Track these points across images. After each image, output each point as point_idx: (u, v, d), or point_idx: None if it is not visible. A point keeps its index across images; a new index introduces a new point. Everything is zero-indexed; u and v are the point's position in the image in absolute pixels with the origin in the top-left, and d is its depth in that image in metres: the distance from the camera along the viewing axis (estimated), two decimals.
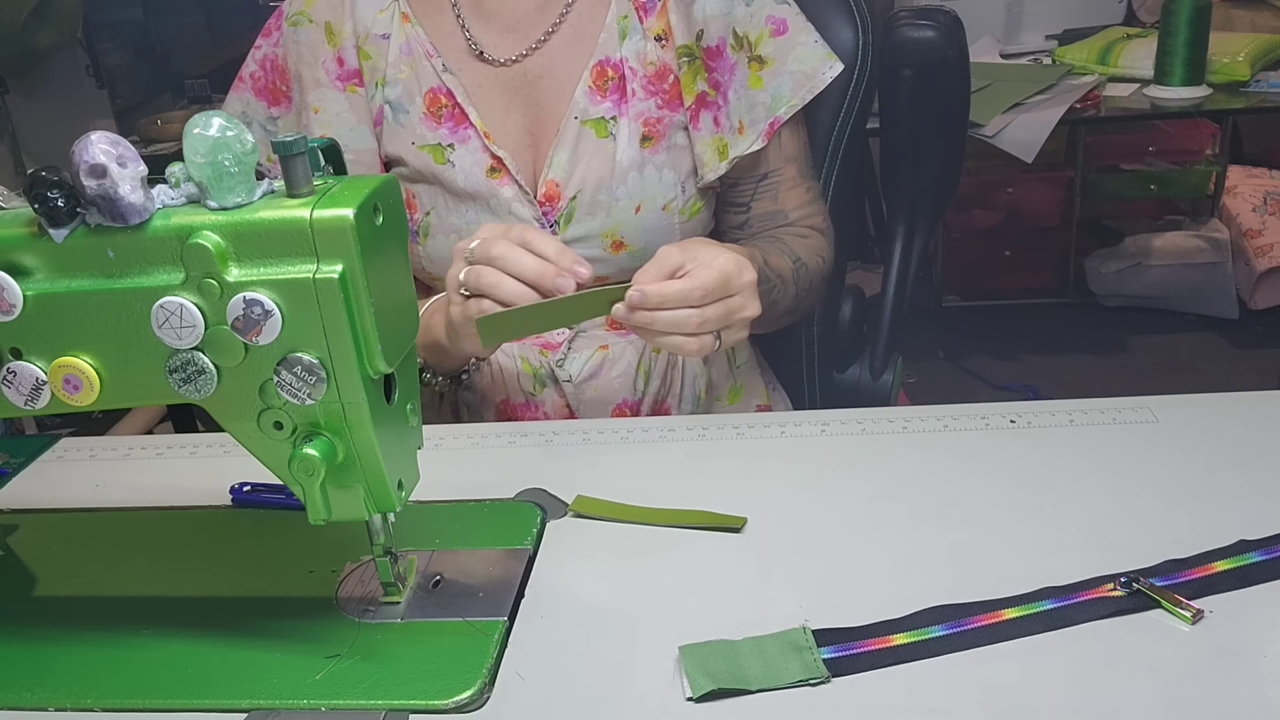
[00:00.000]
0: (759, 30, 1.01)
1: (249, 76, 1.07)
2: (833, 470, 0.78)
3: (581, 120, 0.99)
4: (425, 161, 1.00)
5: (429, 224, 1.02)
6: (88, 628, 0.67)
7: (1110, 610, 0.60)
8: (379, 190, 0.55)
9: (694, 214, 1.03)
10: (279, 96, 1.06)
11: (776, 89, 1.02)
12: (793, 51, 1.02)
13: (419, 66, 1.01)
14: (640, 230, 1.00)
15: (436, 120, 1.01)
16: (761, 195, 1.06)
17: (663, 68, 1.00)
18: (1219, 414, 0.81)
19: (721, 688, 0.57)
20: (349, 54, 1.02)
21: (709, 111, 1.01)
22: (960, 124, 1.26)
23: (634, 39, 1.00)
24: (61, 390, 0.57)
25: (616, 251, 1.01)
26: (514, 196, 1.00)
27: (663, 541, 0.71)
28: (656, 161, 1.00)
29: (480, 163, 1.00)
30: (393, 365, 0.57)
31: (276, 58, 1.06)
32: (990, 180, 2.78)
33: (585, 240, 1.00)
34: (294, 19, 1.03)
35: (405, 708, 0.58)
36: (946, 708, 0.55)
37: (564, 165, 0.99)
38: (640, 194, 0.99)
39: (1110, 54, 2.35)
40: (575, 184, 0.99)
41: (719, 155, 1.01)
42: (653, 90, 1.00)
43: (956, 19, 1.20)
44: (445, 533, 0.73)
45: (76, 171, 0.53)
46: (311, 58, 1.03)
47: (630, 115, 0.99)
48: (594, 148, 0.99)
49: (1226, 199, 2.81)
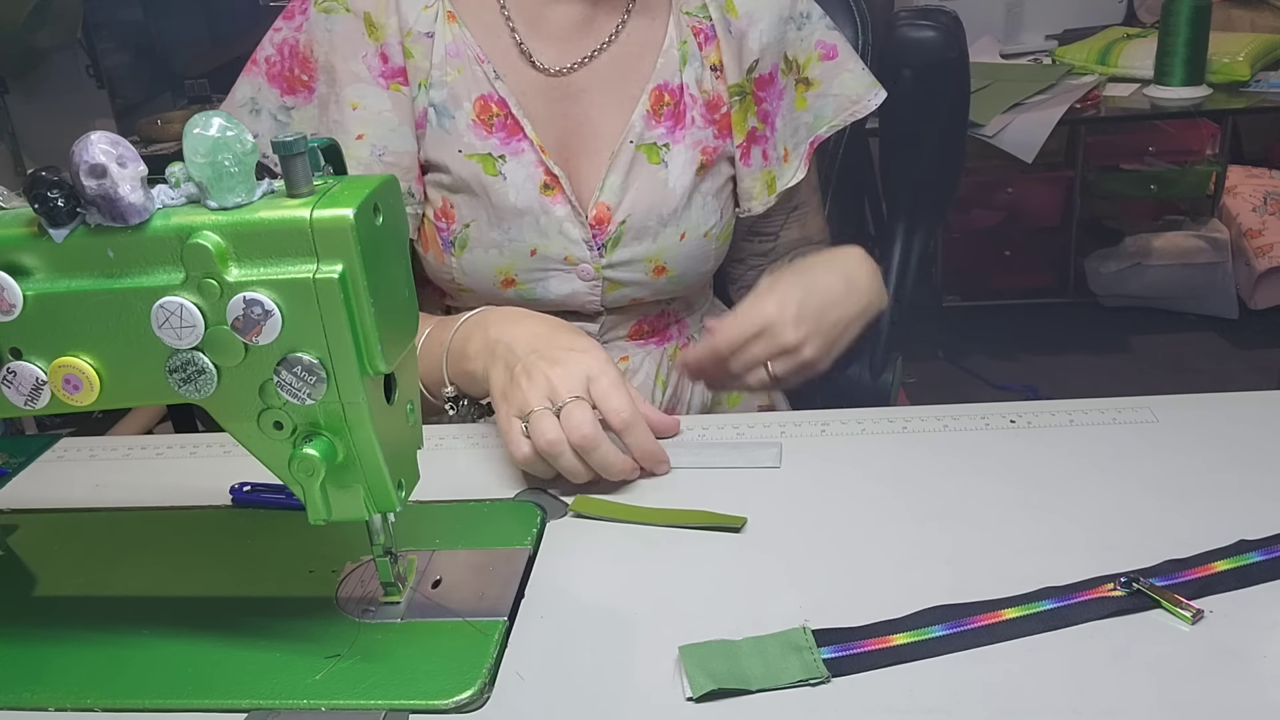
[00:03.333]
0: (809, 54, 1.03)
1: (264, 60, 0.99)
2: (833, 470, 0.78)
3: (636, 144, 0.98)
4: (473, 171, 0.96)
5: (467, 236, 0.98)
6: (88, 628, 0.67)
7: (1110, 610, 0.60)
8: (379, 190, 0.55)
9: (726, 239, 1.04)
10: (296, 85, 0.98)
11: (819, 109, 1.04)
12: (839, 76, 1.04)
13: (468, 70, 0.96)
14: (682, 256, 1.00)
15: (487, 129, 0.96)
16: (791, 224, 1.09)
17: (716, 97, 1.00)
18: (1219, 414, 0.81)
19: (721, 688, 0.57)
20: (394, 50, 0.96)
21: (758, 146, 1.02)
22: (960, 124, 1.26)
23: (694, 66, 0.99)
24: (61, 390, 0.57)
25: (657, 276, 1.00)
26: (566, 216, 0.97)
27: (663, 541, 0.71)
28: (703, 189, 1.00)
29: (534, 178, 0.96)
30: (392, 365, 0.57)
31: (298, 44, 0.98)
32: (990, 180, 2.78)
33: (629, 264, 0.99)
34: (325, 5, 0.96)
35: (405, 708, 0.58)
36: (946, 708, 0.55)
37: (616, 189, 0.97)
38: (687, 222, 0.99)
39: (1110, 54, 2.35)
40: (625, 209, 0.98)
41: (768, 189, 1.03)
42: (709, 119, 1.00)
43: (957, 19, 1.20)
44: (445, 533, 0.73)
45: (76, 171, 0.53)
46: (349, 49, 0.96)
47: (687, 143, 0.99)
48: (646, 173, 0.98)
49: (1226, 199, 2.81)
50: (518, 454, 0.76)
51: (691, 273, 1.02)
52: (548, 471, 0.77)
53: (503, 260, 0.98)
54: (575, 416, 0.75)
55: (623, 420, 0.76)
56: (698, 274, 1.03)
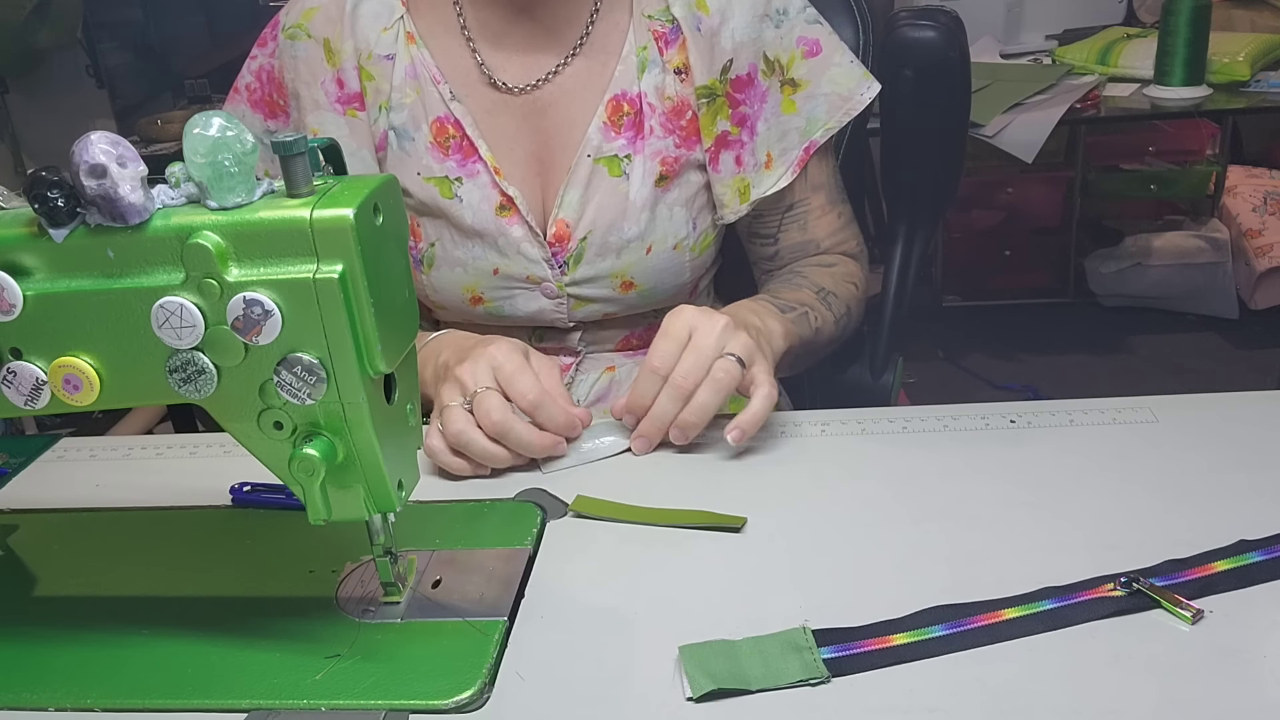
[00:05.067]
0: (790, 52, 0.98)
1: (244, 89, 1.02)
2: (833, 470, 0.78)
3: (594, 158, 0.95)
4: (431, 194, 0.96)
5: (434, 255, 0.98)
6: (88, 628, 0.67)
7: (1110, 610, 0.60)
8: (379, 190, 0.55)
9: (704, 249, 1.00)
10: (276, 110, 1.01)
11: (811, 112, 0.98)
12: (827, 72, 0.98)
13: (425, 92, 0.96)
14: (651, 270, 0.97)
15: (444, 151, 0.96)
16: (788, 226, 1.04)
17: (680, 103, 0.96)
18: (1219, 414, 0.81)
19: (721, 688, 0.57)
20: (349, 76, 0.96)
21: (730, 151, 0.97)
22: (961, 125, 1.25)
23: (653, 72, 0.95)
24: (61, 390, 0.57)
25: (626, 291, 0.98)
26: (523, 236, 0.96)
27: (663, 541, 0.71)
28: (668, 200, 0.96)
29: (489, 199, 0.95)
30: (393, 365, 0.57)
31: (273, 70, 1.00)
32: (990, 180, 2.78)
33: (595, 281, 0.97)
34: (291, 32, 0.97)
35: (405, 708, 0.58)
36: (946, 708, 0.55)
37: (575, 205, 0.95)
38: (651, 234, 0.96)
39: (1110, 54, 2.35)
40: (586, 224, 0.95)
41: (740, 197, 0.98)
42: (670, 128, 0.96)
43: (957, 19, 1.19)
44: (445, 533, 0.73)
45: (76, 171, 0.53)
46: (310, 76, 0.97)
47: (646, 154, 0.95)
48: (606, 187, 0.95)
49: (1226, 199, 2.81)
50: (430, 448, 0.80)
51: (664, 286, 0.99)
52: (463, 467, 0.80)
53: (468, 278, 0.98)
54: (484, 404, 0.79)
55: (530, 402, 0.80)
56: (671, 287, 0.99)
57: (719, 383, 0.79)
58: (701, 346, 0.80)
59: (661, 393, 0.80)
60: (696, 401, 0.80)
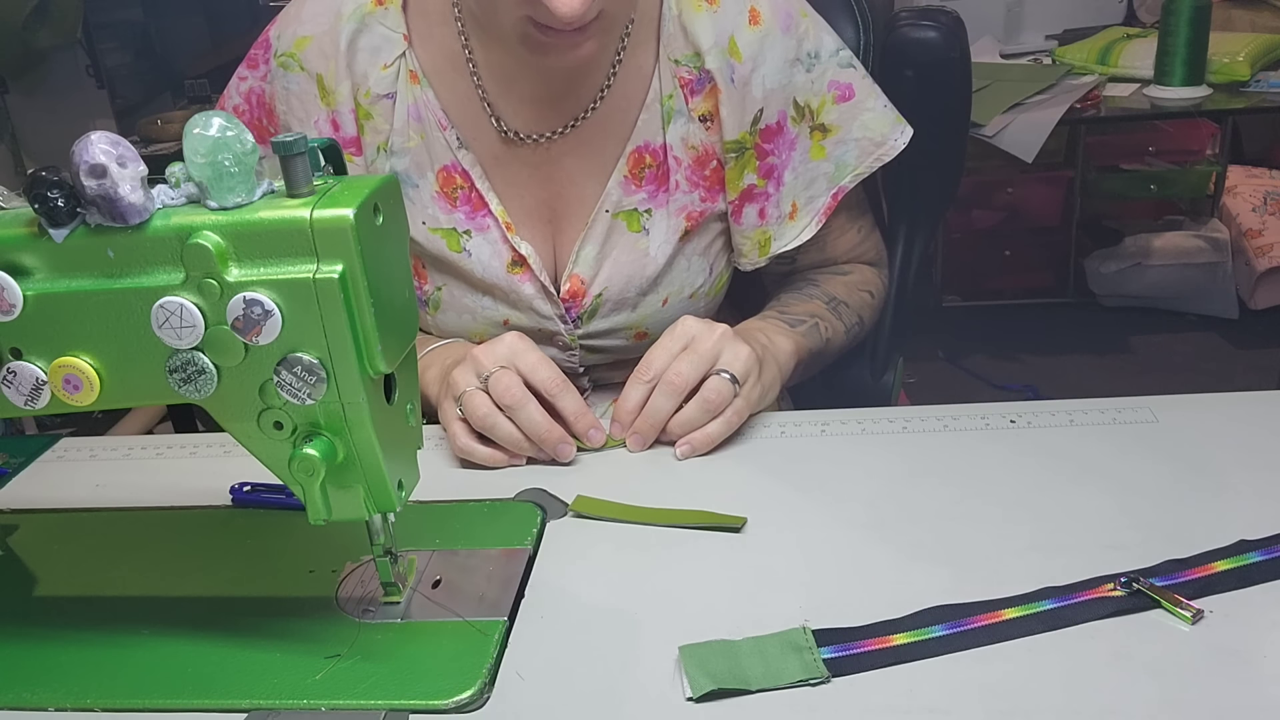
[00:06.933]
0: (821, 97, 0.93)
1: (231, 110, 0.96)
2: (833, 470, 0.78)
3: (613, 213, 0.92)
4: (438, 246, 0.92)
5: (440, 298, 0.95)
6: (88, 628, 0.67)
7: (1110, 610, 0.60)
8: (379, 190, 0.55)
9: (718, 291, 0.99)
10: (265, 136, 0.95)
11: (840, 158, 0.95)
12: (859, 118, 0.94)
13: (430, 137, 0.91)
14: (665, 321, 0.90)
15: (451, 202, 0.92)
16: (808, 249, 1.00)
17: (705, 151, 0.92)
18: (1219, 414, 0.81)
19: (721, 688, 0.57)
20: (345, 119, 0.91)
21: (754, 205, 0.94)
22: (961, 125, 1.25)
23: (679, 122, 0.91)
24: (61, 390, 0.57)
25: (639, 340, 0.96)
26: (535, 294, 0.93)
27: (663, 541, 0.71)
28: (687, 251, 0.94)
29: (500, 255, 0.92)
30: (393, 365, 0.57)
31: (264, 94, 0.95)
32: (990, 180, 2.78)
33: (608, 334, 0.96)
34: (283, 60, 0.92)
35: (405, 708, 0.58)
36: (946, 708, 0.55)
37: (590, 261, 0.92)
38: (669, 287, 0.94)
39: (1110, 54, 2.35)
40: (602, 282, 0.93)
41: (759, 250, 0.96)
42: (696, 180, 0.92)
43: (958, 19, 1.19)
44: (445, 533, 0.73)
45: (76, 171, 0.53)
46: (303, 113, 0.92)
47: (671, 209, 0.92)
48: (625, 244, 0.92)
49: (1226, 199, 2.81)
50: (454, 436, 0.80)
51: None
52: (498, 458, 0.80)
53: (476, 326, 0.96)
54: (502, 382, 0.79)
55: (556, 385, 0.80)
56: None
57: (709, 402, 0.80)
58: (700, 350, 0.81)
59: (655, 390, 0.80)
60: (684, 415, 0.80)
